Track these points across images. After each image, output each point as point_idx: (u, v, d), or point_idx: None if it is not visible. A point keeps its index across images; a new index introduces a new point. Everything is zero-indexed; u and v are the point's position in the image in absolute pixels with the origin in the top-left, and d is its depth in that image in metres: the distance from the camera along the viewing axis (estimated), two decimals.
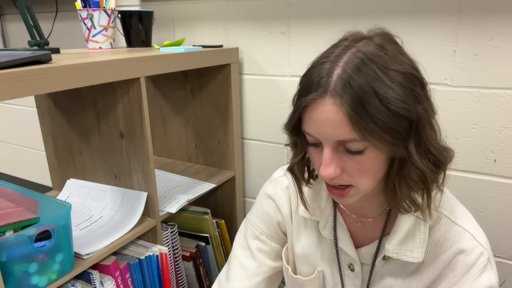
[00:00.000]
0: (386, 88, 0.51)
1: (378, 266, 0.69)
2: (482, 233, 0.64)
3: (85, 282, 0.84)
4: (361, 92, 0.51)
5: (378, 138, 0.52)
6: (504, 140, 0.95)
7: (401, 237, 0.64)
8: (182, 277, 1.11)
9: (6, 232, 0.70)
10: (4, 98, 0.61)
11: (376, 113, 0.51)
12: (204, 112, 1.27)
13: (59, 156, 1.10)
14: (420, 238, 0.64)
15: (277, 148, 1.28)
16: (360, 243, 0.71)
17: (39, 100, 1.07)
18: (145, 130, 0.89)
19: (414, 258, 0.64)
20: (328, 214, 0.72)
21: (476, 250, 0.62)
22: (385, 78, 0.52)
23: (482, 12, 0.90)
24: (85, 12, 1.12)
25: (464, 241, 0.62)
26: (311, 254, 0.76)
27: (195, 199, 1.11)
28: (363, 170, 0.57)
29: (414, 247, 0.64)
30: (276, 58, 1.20)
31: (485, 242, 0.63)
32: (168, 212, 1.02)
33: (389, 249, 0.65)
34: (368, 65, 0.52)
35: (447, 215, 0.65)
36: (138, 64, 0.86)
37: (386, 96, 0.51)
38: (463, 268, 0.62)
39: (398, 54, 0.55)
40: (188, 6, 1.29)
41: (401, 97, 0.52)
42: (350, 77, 0.51)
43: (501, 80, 0.92)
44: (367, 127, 0.51)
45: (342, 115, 0.52)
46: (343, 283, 0.74)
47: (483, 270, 0.62)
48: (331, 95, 0.52)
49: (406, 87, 0.53)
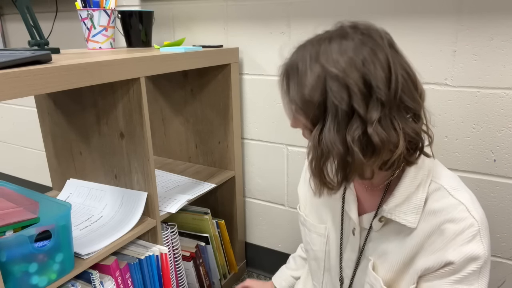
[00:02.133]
0: (305, 77, 0.61)
1: (374, 229, 0.73)
2: (478, 209, 0.66)
3: (85, 282, 0.84)
4: (290, 76, 0.63)
5: (292, 107, 0.63)
6: (504, 140, 0.95)
7: (398, 201, 0.68)
8: (182, 277, 1.11)
9: (6, 232, 0.70)
10: (4, 98, 0.61)
11: (291, 92, 0.63)
12: (204, 112, 1.27)
13: (59, 156, 1.10)
14: (416, 204, 0.67)
15: (277, 148, 1.28)
16: (364, 210, 0.75)
17: (39, 100, 1.07)
18: (145, 130, 0.89)
19: (407, 221, 0.67)
20: None
21: (467, 221, 0.63)
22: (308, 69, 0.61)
23: (482, 12, 0.90)
24: (85, 12, 1.12)
25: (457, 211, 0.64)
26: (323, 212, 0.82)
27: (195, 199, 1.11)
28: (302, 130, 0.67)
29: (408, 211, 0.67)
30: (276, 58, 1.20)
31: (479, 216, 0.64)
32: (168, 212, 1.02)
33: (385, 210, 0.69)
34: (304, 57, 0.62)
35: (446, 187, 0.67)
36: (138, 64, 0.86)
37: (302, 82, 0.61)
38: (450, 235, 0.64)
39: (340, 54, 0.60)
40: (188, 6, 1.29)
41: (310, 86, 0.60)
42: (289, 65, 0.64)
43: (501, 80, 0.92)
44: (286, 100, 0.64)
45: (280, 88, 0.66)
46: (343, 246, 0.78)
47: (470, 240, 0.63)
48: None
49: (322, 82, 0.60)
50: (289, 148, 1.26)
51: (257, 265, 1.47)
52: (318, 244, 0.83)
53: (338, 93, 0.58)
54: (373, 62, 0.58)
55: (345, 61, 0.59)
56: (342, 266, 0.78)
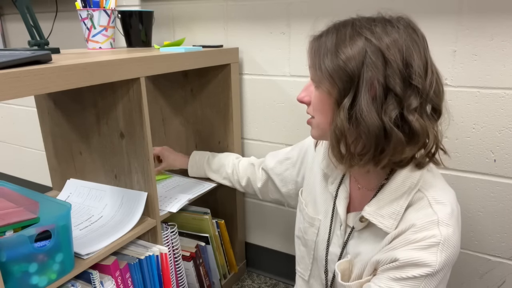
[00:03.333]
0: (344, 48, 0.61)
1: (356, 228, 0.74)
2: (452, 226, 0.63)
3: (85, 282, 0.84)
4: (322, 47, 0.64)
5: (320, 80, 0.65)
6: (504, 140, 0.95)
7: (380, 204, 0.69)
8: (182, 277, 1.11)
9: (6, 232, 0.70)
10: (4, 98, 0.61)
11: (324, 62, 0.63)
12: (204, 112, 1.27)
13: (59, 156, 1.10)
14: (396, 210, 0.67)
15: (277, 148, 1.28)
16: (354, 209, 0.77)
17: (39, 100, 1.07)
18: (145, 130, 0.89)
19: (383, 226, 0.67)
20: (338, 173, 0.79)
21: (430, 231, 0.62)
22: (348, 43, 0.62)
23: (482, 12, 0.90)
24: (85, 12, 1.12)
25: (426, 221, 0.63)
26: (319, 202, 0.83)
27: (195, 199, 1.11)
28: (315, 104, 0.69)
29: (387, 215, 0.67)
30: (276, 58, 1.20)
31: (446, 233, 0.62)
32: (169, 212, 1.02)
33: (365, 210, 0.70)
34: (342, 31, 0.64)
35: (429, 198, 0.66)
36: (138, 64, 0.86)
37: (340, 53, 0.61)
38: (407, 239, 0.63)
39: (385, 34, 0.62)
40: (188, 6, 1.29)
41: (351, 56, 0.61)
42: (322, 37, 0.66)
43: (501, 80, 0.92)
44: (316, 70, 0.65)
45: (310, 49, 0.68)
46: (330, 240, 0.79)
47: (425, 248, 0.62)
48: (310, 39, 0.69)
49: (362, 54, 0.60)
50: None
51: (257, 265, 1.47)
52: (310, 234, 0.84)
53: (376, 67, 0.59)
54: (414, 51, 0.61)
55: (389, 40, 0.61)
56: (327, 260, 0.80)
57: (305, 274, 0.88)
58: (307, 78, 1.16)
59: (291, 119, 1.23)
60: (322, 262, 0.81)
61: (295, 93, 1.19)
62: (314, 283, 0.87)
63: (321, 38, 0.65)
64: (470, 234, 1.04)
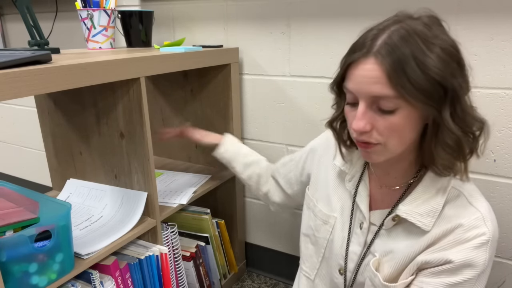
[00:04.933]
0: (425, 57, 0.57)
1: (386, 226, 0.72)
2: (493, 219, 0.65)
3: (85, 282, 0.84)
4: (401, 55, 0.57)
5: (412, 96, 0.58)
6: (504, 140, 0.95)
7: (416, 202, 0.68)
8: (182, 277, 1.11)
9: (6, 232, 0.70)
10: (4, 98, 0.61)
11: (412, 74, 0.57)
12: (204, 112, 1.27)
13: (59, 156, 1.10)
14: (433, 207, 0.66)
15: (277, 148, 1.28)
16: (376, 207, 0.75)
17: (39, 100, 1.07)
18: (145, 130, 0.89)
19: (422, 224, 0.66)
20: (357, 170, 0.78)
21: (479, 229, 0.63)
22: (425, 49, 0.58)
23: (481, 12, 0.90)
24: (85, 12, 1.12)
25: (472, 218, 0.64)
26: (333, 201, 0.82)
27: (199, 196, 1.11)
28: (392, 129, 0.61)
29: (425, 213, 0.66)
30: (276, 58, 1.20)
31: (492, 227, 0.64)
32: (180, 204, 1.05)
33: (401, 209, 0.68)
34: (413, 37, 0.58)
35: (466, 195, 0.67)
36: (138, 64, 0.86)
37: (423, 62, 0.57)
38: (459, 239, 0.64)
39: (441, 33, 0.61)
40: (188, 6, 1.29)
41: (438, 66, 0.57)
42: (394, 43, 0.58)
43: (501, 80, 0.92)
44: (402, 85, 0.57)
45: (381, 72, 0.58)
46: (349, 239, 0.77)
47: (477, 247, 0.63)
48: (373, 55, 0.59)
49: (443, 59, 0.58)
50: (289, 148, 1.26)
51: (257, 265, 1.47)
52: (323, 231, 0.83)
53: (457, 70, 0.60)
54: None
55: (452, 40, 0.61)
56: (347, 259, 0.78)
57: (311, 273, 0.87)
58: (307, 78, 1.16)
59: (291, 119, 1.23)
60: (337, 261, 0.79)
61: (295, 93, 1.19)
62: (320, 283, 0.85)
63: (394, 52, 0.58)
64: None
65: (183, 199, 1.07)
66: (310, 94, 1.16)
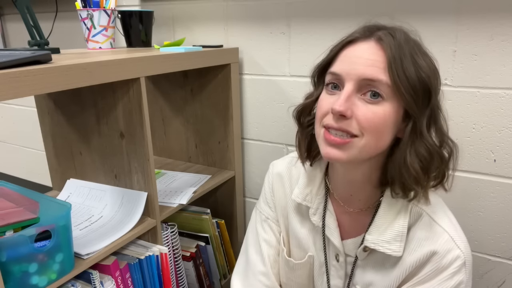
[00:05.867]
0: (419, 59, 0.59)
1: (360, 258, 0.70)
2: (462, 235, 0.64)
3: (85, 282, 0.84)
4: (402, 49, 0.58)
5: (403, 87, 0.57)
6: (504, 140, 0.95)
7: (381, 229, 0.65)
8: (182, 277, 1.11)
9: (6, 232, 0.70)
10: (4, 98, 0.61)
11: (408, 68, 0.57)
12: (204, 112, 1.27)
13: (59, 156, 1.10)
14: (398, 231, 0.64)
15: (277, 148, 1.28)
16: (348, 235, 0.72)
17: (39, 100, 1.07)
18: (145, 130, 0.89)
19: (391, 251, 0.64)
20: (319, 201, 0.73)
21: (452, 253, 0.62)
22: (420, 54, 0.60)
23: (482, 12, 0.90)
24: (85, 12, 1.12)
25: (442, 242, 0.63)
26: (303, 238, 0.77)
27: (197, 197, 1.11)
28: (372, 121, 0.58)
29: (391, 239, 0.64)
30: (276, 58, 1.20)
31: (463, 245, 0.63)
32: (180, 204, 1.05)
33: (368, 239, 0.66)
34: (411, 41, 0.60)
35: (429, 213, 0.65)
36: (138, 64, 0.86)
37: (417, 63, 0.58)
38: (436, 268, 0.62)
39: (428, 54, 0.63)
40: (188, 6, 1.29)
41: (427, 72, 0.59)
42: (397, 36, 0.59)
43: (501, 80, 0.92)
44: (398, 74, 0.56)
45: (381, 56, 0.58)
46: (328, 273, 0.75)
47: (456, 273, 0.62)
48: (376, 39, 0.60)
49: (432, 70, 0.60)
50: (289, 148, 1.26)
51: None
52: (303, 276, 0.78)
53: (438, 84, 0.62)
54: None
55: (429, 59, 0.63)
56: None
57: None
58: (307, 78, 1.16)
59: (291, 119, 1.22)
60: None
61: (295, 93, 1.19)
62: None
63: (396, 43, 0.58)
64: (470, 234, 1.04)
65: (183, 199, 1.07)
66: None
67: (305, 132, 0.72)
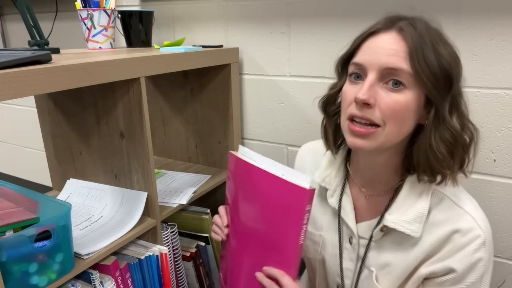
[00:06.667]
0: (440, 48, 0.60)
1: (375, 238, 0.70)
2: (483, 217, 0.65)
3: (85, 282, 0.84)
4: (422, 38, 0.59)
5: (424, 75, 0.58)
6: (504, 140, 0.95)
7: (401, 209, 0.66)
8: (182, 277, 1.11)
9: (6, 232, 0.71)
10: (4, 98, 0.61)
11: (429, 56, 0.58)
12: (204, 112, 1.27)
13: (59, 156, 1.10)
14: (419, 212, 0.65)
15: (277, 148, 1.28)
16: (362, 219, 0.73)
17: (39, 100, 1.07)
18: (145, 130, 0.89)
19: (410, 231, 0.65)
20: (337, 184, 0.76)
21: (473, 232, 0.63)
22: (440, 43, 0.61)
23: (482, 12, 0.90)
24: (85, 12, 1.12)
25: (463, 221, 0.64)
26: (318, 221, 0.79)
27: (197, 197, 1.11)
28: (394, 109, 0.60)
29: (411, 220, 0.65)
30: (276, 58, 1.20)
31: (484, 225, 0.64)
32: (180, 204, 1.05)
33: (388, 219, 0.67)
34: (432, 30, 0.62)
35: (450, 197, 0.66)
36: (138, 64, 0.86)
37: (438, 51, 0.59)
38: (456, 246, 0.63)
39: (449, 43, 0.64)
40: (188, 6, 1.29)
41: (448, 59, 0.60)
42: (418, 26, 0.61)
43: (501, 80, 0.92)
44: (419, 62, 0.58)
45: (403, 46, 0.59)
46: (342, 256, 0.76)
47: (476, 251, 0.63)
48: (397, 30, 0.61)
49: (453, 58, 0.61)
50: (289, 148, 1.26)
51: None
52: (312, 252, 0.81)
53: (460, 70, 0.62)
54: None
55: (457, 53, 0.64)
56: (343, 276, 0.75)
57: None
58: (307, 78, 1.16)
59: (291, 119, 1.23)
60: (334, 279, 0.77)
61: (295, 93, 1.19)
62: None
63: (417, 33, 0.60)
64: None
65: (183, 199, 1.07)
66: (310, 94, 1.16)
67: (331, 122, 0.74)
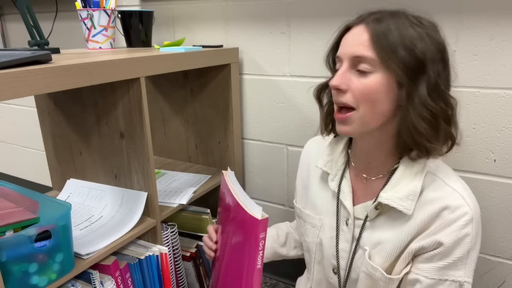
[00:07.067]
0: (406, 30, 0.64)
1: (370, 217, 0.74)
2: (472, 196, 0.69)
3: (85, 282, 0.84)
4: (387, 25, 0.64)
5: (389, 62, 0.63)
6: (504, 140, 0.95)
7: (395, 188, 0.70)
8: (182, 277, 1.11)
9: (6, 232, 0.71)
10: (4, 98, 0.61)
11: (392, 40, 0.63)
12: (204, 112, 1.27)
13: (59, 156, 1.10)
14: (411, 190, 0.69)
15: (277, 148, 1.28)
16: (359, 201, 0.77)
17: (39, 100, 1.07)
18: (145, 130, 0.89)
19: (403, 207, 0.69)
20: (338, 168, 0.80)
21: (462, 209, 0.66)
22: (408, 25, 0.64)
23: (482, 12, 0.90)
24: (85, 12, 1.12)
25: (452, 199, 0.67)
26: (319, 204, 0.84)
27: (197, 197, 1.11)
28: (364, 92, 0.66)
29: (404, 197, 0.69)
30: (276, 58, 1.20)
31: (472, 204, 0.67)
32: (180, 204, 1.05)
33: (382, 196, 0.71)
34: (401, 15, 0.66)
35: (441, 177, 0.70)
36: (138, 64, 0.86)
37: (406, 35, 0.63)
38: (445, 222, 0.67)
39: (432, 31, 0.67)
40: (188, 6, 1.29)
41: (414, 39, 0.63)
42: (383, 15, 0.66)
43: (501, 80, 0.92)
44: (382, 48, 0.63)
45: (367, 35, 0.65)
46: (338, 237, 0.79)
47: (463, 227, 0.66)
48: (365, 23, 0.67)
49: (423, 39, 0.64)
50: (289, 148, 1.26)
51: None
52: (311, 235, 0.84)
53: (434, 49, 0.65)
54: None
55: (442, 40, 0.67)
56: (339, 257, 0.79)
57: (310, 277, 0.88)
58: (307, 78, 1.16)
59: (291, 119, 1.23)
60: (330, 261, 0.81)
61: (295, 93, 1.19)
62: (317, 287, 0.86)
63: (381, 21, 0.65)
64: None
65: (183, 199, 1.07)
66: (310, 94, 1.16)
67: (324, 109, 0.80)
